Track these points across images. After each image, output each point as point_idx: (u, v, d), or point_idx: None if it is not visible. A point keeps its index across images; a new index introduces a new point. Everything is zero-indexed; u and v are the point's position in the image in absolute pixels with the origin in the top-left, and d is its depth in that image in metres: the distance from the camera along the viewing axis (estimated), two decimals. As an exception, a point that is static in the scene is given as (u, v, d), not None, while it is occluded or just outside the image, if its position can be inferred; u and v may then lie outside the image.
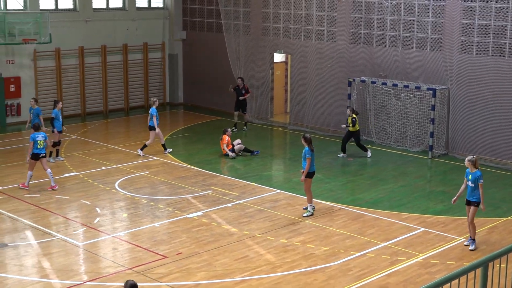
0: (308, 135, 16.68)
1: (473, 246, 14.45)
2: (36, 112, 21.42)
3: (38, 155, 18.16)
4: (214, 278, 12.97)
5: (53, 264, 13.58)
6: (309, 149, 16.23)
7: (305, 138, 16.48)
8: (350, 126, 21.91)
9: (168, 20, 31.05)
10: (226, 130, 22.38)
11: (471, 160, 14.29)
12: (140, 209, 17.04)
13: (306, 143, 16.34)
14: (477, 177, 14.13)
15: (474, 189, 14.22)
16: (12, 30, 25.46)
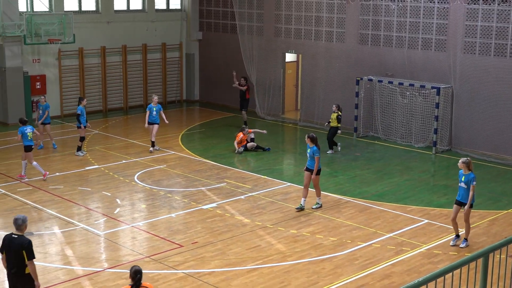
0: (314, 135, 16.29)
1: (465, 244, 13.98)
2: (45, 108, 21.98)
3: (31, 146, 18.42)
4: (227, 266, 12.98)
5: (76, 252, 13.63)
6: (317, 148, 15.97)
7: (311, 138, 16.07)
8: (332, 121, 21.87)
9: (185, 21, 31.05)
10: (242, 129, 22.29)
11: (465, 162, 13.84)
12: (158, 200, 17.07)
13: (313, 142, 15.97)
14: (471, 179, 13.70)
15: (467, 190, 13.81)
16: (38, 31, 25.55)
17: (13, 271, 9.99)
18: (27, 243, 9.85)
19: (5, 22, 24.97)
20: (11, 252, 9.94)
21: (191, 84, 31.59)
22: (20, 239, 9.90)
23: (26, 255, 9.83)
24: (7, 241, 10.02)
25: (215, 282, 12.26)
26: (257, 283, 12.23)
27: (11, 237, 9.99)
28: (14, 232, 10.02)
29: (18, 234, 9.97)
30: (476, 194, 17.80)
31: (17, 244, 9.84)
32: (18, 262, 9.87)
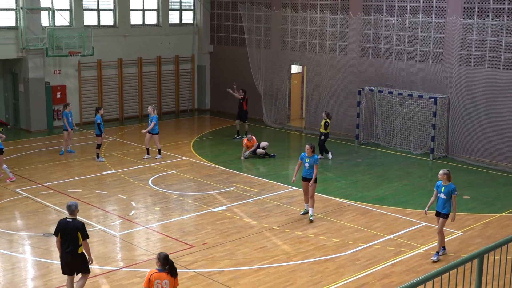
0: (313, 144, 15.93)
1: (436, 257, 13.23)
2: (65, 115, 22.11)
3: (2, 150, 18.54)
4: (236, 265, 12.94)
5: (93, 252, 13.56)
6: (317, 157, 15.71)
7: (313, 147, 15.68)
8: (322, 129, 21.77)
9: (197, 35, 31.09)
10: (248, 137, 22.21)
11: (446, 173, 13.19)
12: (171, 203, 17.05)
13: (314, 152, 15.61)
14: (451, 190, 13.09)
15: (446, 201, 13.14)
16: (60, 44, 25.64)
17: (67, 250, 10.78)
18: (82, 225, 10.78)
19: (29, 36, 25.06)
20: (67, 234, 10.72)
21: (203, 94, 31.61)
22: (74, 222, 10.77)
23: (81, 235, 10.70)
24: (62, 225, 10.80)
25: (224, 280, 12.21)
26: (263, 282, 12.18)
27: (66, 221, 10.81)
28: (68, 216, 10.85)
29: (72, 218, 10.83)
30: (471, 198, 17.82)
31: (73, 227, 10.69)
32: (73, 243, 10.70)
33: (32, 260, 13.18)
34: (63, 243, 10.82)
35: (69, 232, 10.69)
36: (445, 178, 13.21)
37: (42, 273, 12.51)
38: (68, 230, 10.71)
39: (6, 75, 26.74)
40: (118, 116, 28.83)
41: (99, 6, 27.75)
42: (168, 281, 9.06)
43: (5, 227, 14.99)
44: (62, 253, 10.87)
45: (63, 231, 10.77)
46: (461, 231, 15.11)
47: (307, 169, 15.53)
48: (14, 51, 25.25)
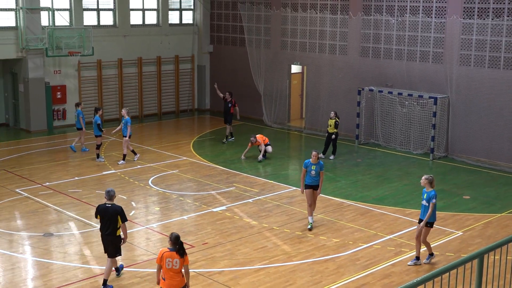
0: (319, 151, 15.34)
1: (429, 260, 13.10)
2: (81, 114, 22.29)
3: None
4: (236, 265, 12.94)
5: (93, 252, 13.62)
6: (323, 163, 15.09)
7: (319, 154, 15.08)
8: (332, 129, 21.80)
9: (197, 35, 31.10)
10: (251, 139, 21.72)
11: (428, 178, 12.66)
12: (171, 203, 17.05)
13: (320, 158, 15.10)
14: (431, 196, 12.49)
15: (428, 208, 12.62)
16: (59, 44, 25.65)
17: (107, 233, 11.68)
18: (121, 209, 11.63)
19: (29, 36, 25.07)
20: (106, 218, 11.58)
21: (202, 94, 31.61)
22: (113, 207, 11.62)
23: (120, 218, 11.57)
24: (102, 210, 11.65)
25: (224, 281, 12.22)
26: (264, 282, 12.19)
27: (105, 206, 11.65)
28: (107, 202, 11.66)
29: (111, 203, 11.67)
30: (471, 198, 17.82)
31: (113, 211, 11.55)
32: (112, 225, 11.57)
33: (32, 260, 13.19)
34: (102, 226, 11.71)
35: (109, 216, 11.53)
36: (426, 183, 12.68)
37: (42, 273, 12.51)
38: (108, 214, 11.54)
39: (6, 75, 26.74)
40: (118, 116, 28.81)
41: (99, 6, 27.75)
42: (179, 260, 9.71)
43: (5, 227, 14.99)
44: (102, 235, 11.81)
45: (102, 215, 11.62)
46: (461, 231, 15.11)
47: (313, 176, 14.78)
48: (14, 51, 25.25)
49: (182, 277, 9.84)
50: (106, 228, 11.64)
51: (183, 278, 9.87)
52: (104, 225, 11.65)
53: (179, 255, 9.69)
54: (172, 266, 9.72)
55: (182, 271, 9.85)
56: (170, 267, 9.72)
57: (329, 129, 21.98)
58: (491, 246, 6.38)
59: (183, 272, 9.85)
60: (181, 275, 9.83)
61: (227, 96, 24.42)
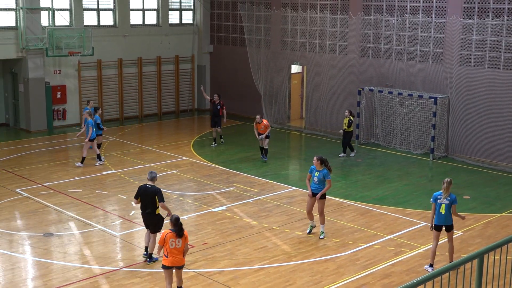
0: (324, 157, 14.39)
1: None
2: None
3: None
4: (236, 266, 12.94)
5: (93, 252, 13.62)
6: (328, 170, 14.20)
7: (321, 160, 14.19)
8: (345, 126, 22.01)
9: (197, 35, 31.10)
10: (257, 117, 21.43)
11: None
12: (171, 203, 17.04)
13: (323, 165, 14.19)
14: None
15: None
16: (59, 44, 25.66)
17: (147, 212, 12.70)
18: (159, 190, 12.59)
19: (29, 36, 25.07)
20: (146, 197, 12.56)
21: (202, 94, 31.58)
22: (153, 187, 12.63)
23: (158, 198, 12.46)
24: (142, 190, 12.66)
25: (224, 281, 12.22)
26: (264, 282, 12.18)
27: (146, 186, 12.68)
28: (148, 183, 12.69)
29: (151, 184, 12.67)
30: (471, 198, 17.84)
31: (152, 191, 12.54)
32: (152, 205, 12.52)
33: (32, 260, 13.19)
34: (142, 205, 12.69)
35: (148, 195, 12.52)
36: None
37: (42, 273, 12.51)
38: (147, 194, 12.53)
39: (6, 75, 26.74)
40: (118, 116, 28.83)
41: (99, 6, 27.75)
42: (181, 239, 10.72)
43: (5, 227, 14.99)
44: (143, 214, 12.85)
45: (143, 195, 12.62)
46: (461, 231, 15.11)
47: (316, 183, 14.23)
48: (14, 51, 25.25)
49: (183, 257, 10.89)
50: (146, 208, 12.63)
51: (183, 259, 10.94)
52: (143, 204, 12.63)
53: (178, 235, 10.64)
54: (175, 245, 10.73)
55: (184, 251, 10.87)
56: (174, 247, 10.72)
57: (347, 129, 22.20)
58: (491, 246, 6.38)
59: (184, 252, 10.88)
60: (183, 254, 10.86)
61: (216, 98, 23.59)
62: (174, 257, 10.77)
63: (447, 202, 12.39)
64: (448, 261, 12.79)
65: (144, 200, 12.67)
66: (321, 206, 14.34)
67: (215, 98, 23.67)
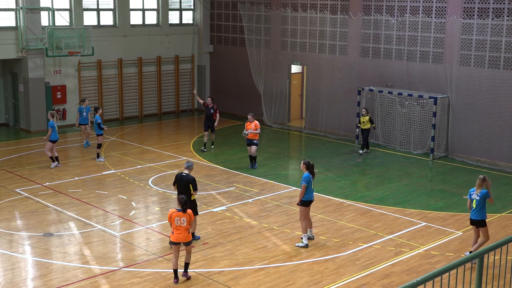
0: (310, 162, 14.05)
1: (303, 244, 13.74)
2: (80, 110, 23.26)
3: None
4: (236, 266, 12.94)
5: (93, 252, 13.62)
6: (308, 175, 13.76)
7: (305, 164, 13.92)
8: (365, 124, 22.40)
9: (197, 35, 31.10)
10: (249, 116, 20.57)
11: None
12: (171, 203, 17.04)
13: (307, 169, 13.86)
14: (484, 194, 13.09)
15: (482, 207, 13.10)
16: (59, 44, 25.66)
17: None
18: (193, 179, 13.53)
19: (29, 36, 25.07)
20: (182, 185, 13.49)
21: (202, 94, 31.57)
22: (188, 176, 13.55)
23: (192, 187, 13.40)
24: (179, 177, 13.63)
25: (224, 281, 12.22)
26: (264, 282, 12.18)
27: (182, 175, 13.64)
28: (184, 172, 13.64)
29: (186, 173, 13.61)
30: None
31: (186, 180, 13.48)
32: (186, 192, 13.28)
33: (32, 260, 13.19)
34: (178, 192, 13.49)
35: (183, 183, 13.47)
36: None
37: (42, 273, 12.51)
38: (182, 182, 13.47)
39: (6, 75, 26.75)
40: (118, 116, 28.83)
41: (99, 6, 27.76)
42: (185, 218, 11.74)
43: (5, 227, 14.99)
44: None
45: (179, 182, 13.57)
46: (461, 231, 15.11)
47: None
48: (14, 51, 25.26)
49: (187, 234, 11.84)
50: (181, 194, 13.22)
51: (189, 235, 11.91)
52: (179, 190, 13.49)
53: (182, 212, 11.70)
54: (180, 223, 11.77)
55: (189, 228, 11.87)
56: (179, 225, 11.76)
57: (362, 125, 22.54)
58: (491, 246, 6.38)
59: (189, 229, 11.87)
60: (187, 232, 11.82)
61: (209, 102, 22.69)
62: (179, 234, 11.77)
63: (478, 198, 13.04)
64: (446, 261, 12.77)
65: (179, 187, 13.55)
66: (300, 213, 14.10)
67: (208, 101, 22.82)
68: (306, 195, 13.76)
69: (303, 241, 13.97)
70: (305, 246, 13.88)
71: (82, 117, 23.06)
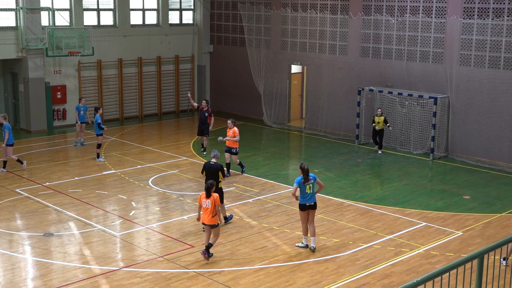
0: (306, 166, 13.64)
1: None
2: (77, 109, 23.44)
3: None
4: (236, 266, 12.94)
5: (93, 252, 13.62)
6: (301, 178, 13.50)
7: (300, 168, 13.65)
8: (380, 125, 22.43)
9: (197, 35, 31.09)
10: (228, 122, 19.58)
11: None
12: (171, 203, 17.05)
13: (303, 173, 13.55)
14: None
15: None
16: (59, 44, 25.66)
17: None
18: (221, 166, 14.65)
19: (29, 36, 25.07)
20: (211, 172, 14.52)
21: (203, 94, 31.59)
22: (216, 164, 14.66)
23: (221, 174, 14.54)
24: (208, 166, 14.69)
25: (224, 281, 12.21)
26: (264, 282, 12.18)
27: (210, 163, 14.73)
28: (211, 160, 14.78)
29: (214, 162, 14.72)
30: (471, 198, 17.83)
31: (215, 168, 14.58)
32: (215, 179, 14.19)
33: (32, 260, 13.19)
34: (207, 179, 14.32)
35: (212, 171, 14.53)
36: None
37: (42, 273, 12.51)
38: (212, 170, 14.54)
39: (6, 75, 26.75)
40: (118, 116, 28.83)
41: (99, 6, 27.76)
42: (210, 201, 12.79)
43: (5, 227, 14.99)
44: None
45: (208, 170, 14.62)
46: (461, 231, 15.11)
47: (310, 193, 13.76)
48: (14, 51, 25.26)
49: (212, 217, 12.82)
50: None
51: (213, 219, 12.86)
52: (208, 178, 14.32)
53: (207, 197, 12.78)
54: (206, 205, 12.82)
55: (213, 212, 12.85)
56: (205, 206, 12.85)
57: (377, 126, 22.52)
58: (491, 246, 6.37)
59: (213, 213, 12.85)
60: (211, 215, 12.80)
61: (204, 105, 21.95)
62: (204, 215, 12.85)
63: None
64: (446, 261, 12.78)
65: (209, 175, 14.50)
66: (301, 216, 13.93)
67: (203, 104, 22.03)
68: (300, 198, 13.60)
69: (303, 241, 13.93)
70: (305, 246, 13.85)
71: (80, 115, 23.13)
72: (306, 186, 13.48)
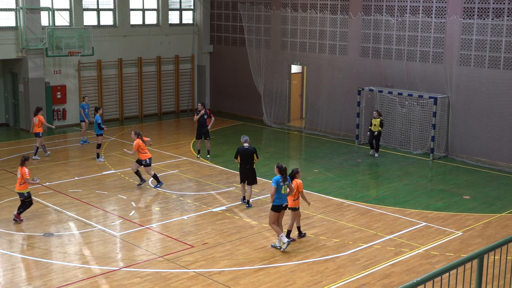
0: (283, 166, 13.49)
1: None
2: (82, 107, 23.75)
3: None
4: (236, 266, 12.94)
5: (93, 252, 13.62)
6: (279, 178, 13.32)
7: (278, 167, 13.45)
8: (377, 128, 22.19)
9: (197, 35, 31.09)
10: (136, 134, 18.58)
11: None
12: (171, 203, 17.05)
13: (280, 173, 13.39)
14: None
15: None
16: (59, 44, 25.66)
17: (247, 167, 16.35)
18: (255, 149, 16.34)
19: (29, 36, 25.07)
20: (246, 156, 16.14)
21: (203, 94, 31.61)
22: (250, 147, 16.29)
23: (256, 155, 16.22)
24: (242, 150, 16.22)
25: (224, 281, 12.21)
26: (264, 282, 12.18)
27: (244, 147, 16.24)
28: (245, 144, 16.25)
29: (247, 146, 16.25)
30: (471, 198, 17.83)
31: (250, 151, 16.20)
32: (250, 161, 16.15)
33: (32, 260, 13.19)
34: (242, 162, 16.11)
35: (248, 154, 16.13)
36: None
37: (42, 273, 12.51)
38: (247, 153, 16.12)
39: (6, 75, 26.74)
40: (118, 116, 28.83)
41: (99, 6, 27.76)
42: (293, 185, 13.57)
43: (5, 227, 14.99)
44: (242, 169, 16.39)
45: (243, 154, 16.15)
46: (461, 231, 15.11)
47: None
48: (14, 51, 25.26)
49: (294, 200, 13.70)
50: (246, 164, 16.20)
51: (296, 201, 13.79)
52: (243, 161, 16.05)
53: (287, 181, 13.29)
54: (290, 190, 13.43)
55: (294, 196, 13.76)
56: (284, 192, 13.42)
57: (373, 128, 22.27)
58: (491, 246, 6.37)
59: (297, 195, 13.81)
60: (293, 199, 13.65)
61: (200, 107, 21.42)
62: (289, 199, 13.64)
63: None
64: (446, 261, 12.78)
65: (244, 158, 16.03)
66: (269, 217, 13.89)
67: (199, 107, 21.46)
68: (275, 199, 13.42)
69: (283, 240, 13.51)
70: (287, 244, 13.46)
71: (85, 113, 23.51)
72: (283, 187, 13.39)
